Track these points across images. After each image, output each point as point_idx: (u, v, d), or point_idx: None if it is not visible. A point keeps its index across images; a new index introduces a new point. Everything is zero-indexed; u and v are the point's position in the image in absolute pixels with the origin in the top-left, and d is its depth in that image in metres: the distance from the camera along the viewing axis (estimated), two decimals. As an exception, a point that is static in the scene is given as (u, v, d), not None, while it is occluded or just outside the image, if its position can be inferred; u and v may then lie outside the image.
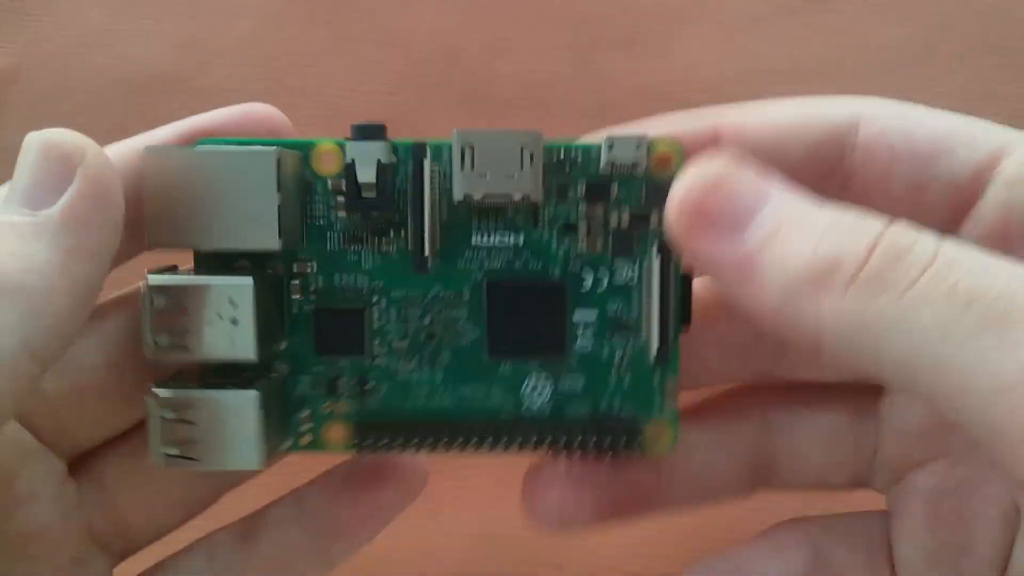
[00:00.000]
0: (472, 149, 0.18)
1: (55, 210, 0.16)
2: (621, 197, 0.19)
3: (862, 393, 0.20)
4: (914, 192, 0.18)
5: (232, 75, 0.34)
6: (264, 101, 0.34)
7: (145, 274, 0.17)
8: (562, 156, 0.19)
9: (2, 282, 0.14)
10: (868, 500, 0.22)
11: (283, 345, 0.19)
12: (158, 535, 0.21)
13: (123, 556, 0.21)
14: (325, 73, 0.34)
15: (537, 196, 0.18)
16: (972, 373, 0.13)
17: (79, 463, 0.20)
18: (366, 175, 0.18)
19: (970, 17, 0.34)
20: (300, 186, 0.19)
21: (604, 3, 0.35)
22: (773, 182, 0.16)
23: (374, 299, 0.19)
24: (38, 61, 0.34)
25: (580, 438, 0.19)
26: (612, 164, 0.19)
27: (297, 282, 0.19)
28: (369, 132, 0.19)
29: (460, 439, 0.19)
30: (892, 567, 0.20)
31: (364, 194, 0.18)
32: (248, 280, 0.17)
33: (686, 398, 0.20)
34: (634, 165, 0.18)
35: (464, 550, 0.28)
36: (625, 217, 0.19)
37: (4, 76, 0.34)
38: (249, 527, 0.21)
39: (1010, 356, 0.12)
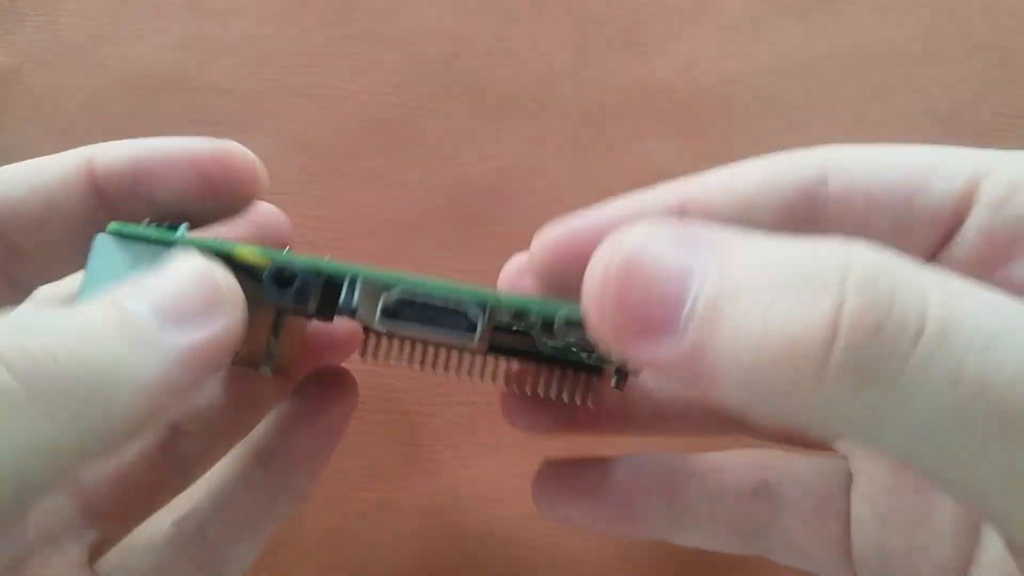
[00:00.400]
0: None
1: (183, 340, 0.14)
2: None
3: None
4: (897, 235, 0.17)
5: (232, 75, 0.34)
6: (264, 101, 0.34)
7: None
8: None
9: (99, 375, 0.13)
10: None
11: None
12: None
13: None
14: (325, 73, 0.34)
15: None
16: (991, 474, 0.11)
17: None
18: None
19: (969, 17, 0.34)
20: None
21: (604, 3, 0.35)
22: (694, 248, 0.13)
23: None
24: (39, 61, 0.35)
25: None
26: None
27: None
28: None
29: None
30: (847, 521, 0.19)
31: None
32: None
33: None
34: None
35: (464, 550, 0.28)
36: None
37: (5, 76, 0.34)
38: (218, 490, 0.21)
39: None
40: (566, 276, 0.17)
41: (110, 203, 0.18)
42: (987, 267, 0.16)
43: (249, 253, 0.16)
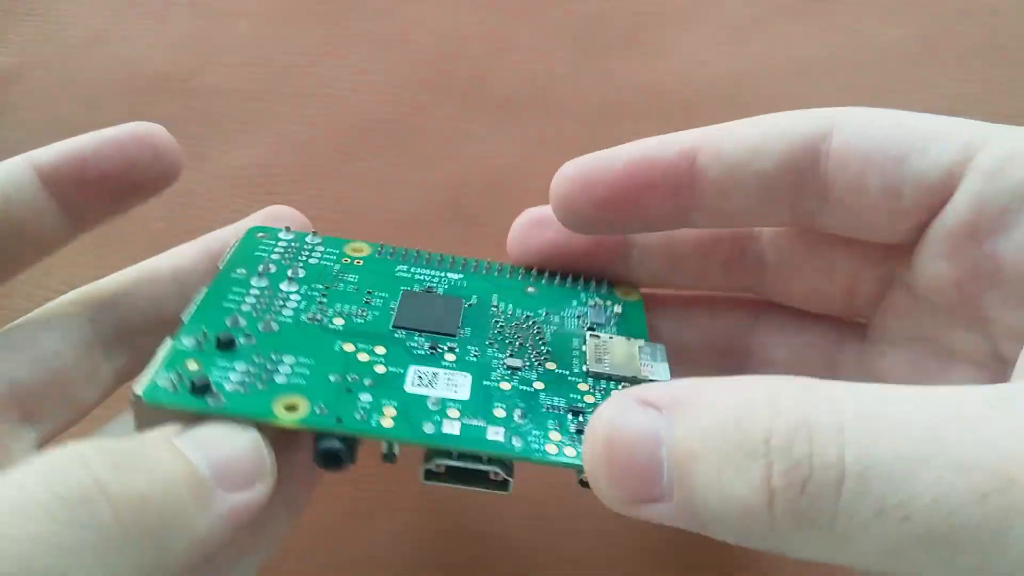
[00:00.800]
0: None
1: (233, 501, 0.16)
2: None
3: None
4: (888, 195, 0.17)
5: (232, 75, 0.34)
6: (264, 101, 0.34)
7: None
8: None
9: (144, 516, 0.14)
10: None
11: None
12: None
13: None
14: (325, 73, 0.34)
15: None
16: None
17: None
18: None
19: (969, 17, 0.34)
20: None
21: (604, 3, 0.35)
22: (656, 412, 0.14)
23: None
24: (39, 61, 0.35)
25: None
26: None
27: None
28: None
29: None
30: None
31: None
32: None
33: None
34: None
35: (464, 550, 0.28)
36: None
37: (5, 76, 0.34)
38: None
39: (959, 568, 0.12)
40: (584, 211, 0.20)
41: (58, 194, 0.20)
42: (976, 238, 0.17)
43: (290, 423, 0.17)
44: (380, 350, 0.19)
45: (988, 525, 0.12)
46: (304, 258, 0.22)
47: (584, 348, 0.20)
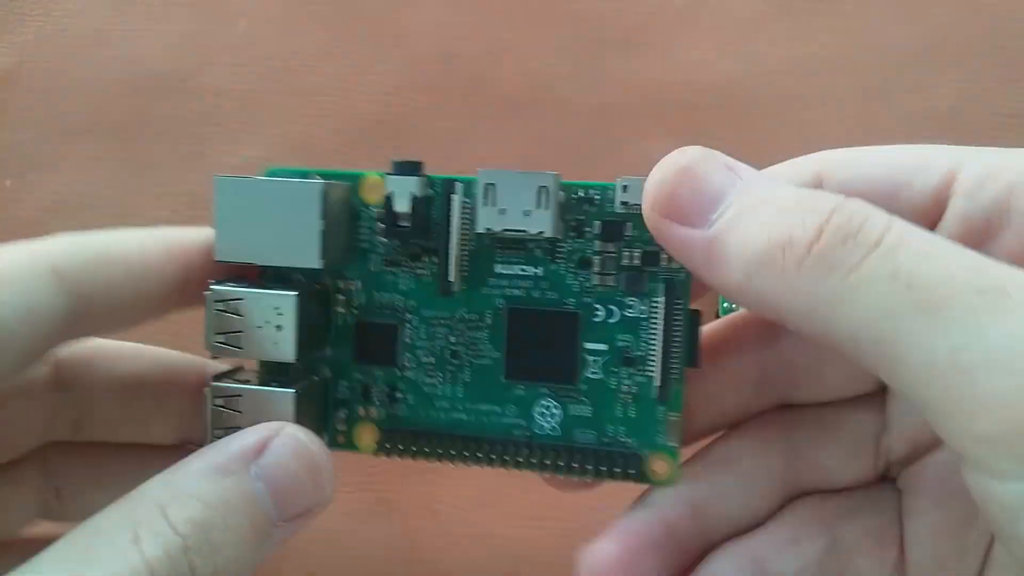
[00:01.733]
0: (494, 187, 0.20)
1: (289, 530, 0.17)
2: (634, 236, 0.20)
3: (871, 397, 0.21)
4: None
5: (232, 75, 0.34)
6: (263, 101, 0.34)
7: (209, 284, 0.20)
8: (580, 195, 0.21)
9: None
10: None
11: (328, 352, 0.21)
12: None
13: None
14: (325, 73, 0.34)
15: (552, 232, 0.19)
16: (907, 352, 0.14)
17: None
18: (402, 206, 0.20)
19: (970, 17, 0.34)
20: (348, 213, 0.21)
21: (604, 3, 0.35)
22: (741, 169, 0.17)
23: (407, 316, 0.21)
24: (39, 61, 0.35)
25: (585, 463, 0.20)
26: (626, 204, 0.20)
27: (343, 297, 0.21)
28: (406, 168, 0.21)
29: (475, 453, 0.20)
30: (901, 543, 0.20)
31: (400, 223, 0.20)
32: (293, 293, 0.20)
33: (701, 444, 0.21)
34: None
35: (464, 550, 0.28)
36: (637, 255, 0.20)
37: (4, 76, 0.34)
38: None
39: (942, 338, 0.13)
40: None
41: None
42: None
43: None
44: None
45: (977, 312, 0.13)
46: None
47: None
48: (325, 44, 0.34)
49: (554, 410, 0.20)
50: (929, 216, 0.18)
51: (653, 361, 0.19)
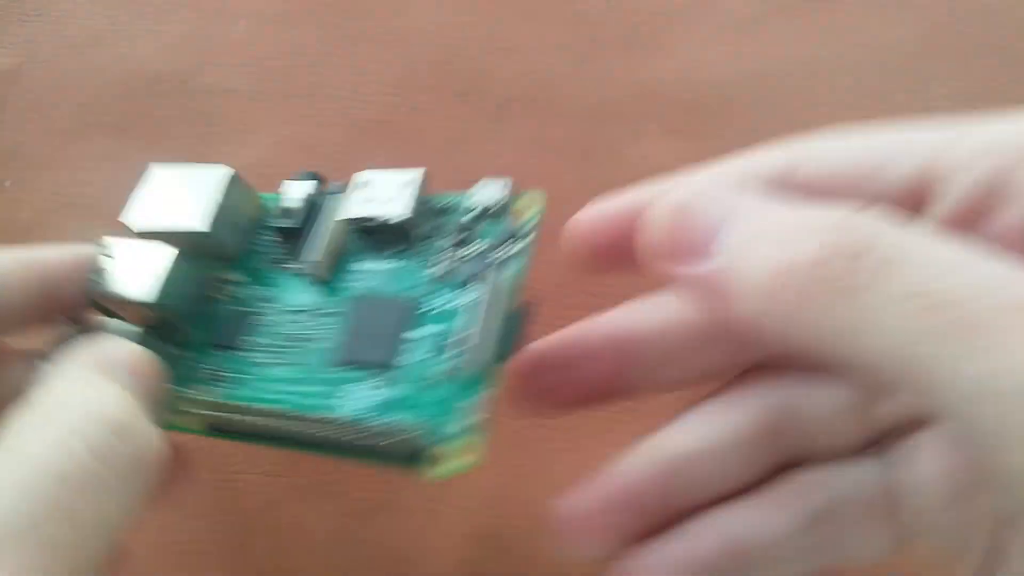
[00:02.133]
0: (368, 183, 0.22)
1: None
2: (482, 233, 0.21)
3: None
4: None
5: (231, 75, 0.34)
6: (263, 101, 0.34)
7: (103, 237, 0.22)
8: (439, 203, 0.22)
9: None
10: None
11: (189, 331, 0.23)
12: None
13: None
14: (324, 73, 0.34)
15: (411, 214, 0.21)
16: (940, 380, 0.13)
17: None
18: (292, 203, 0.23)
19: (970, 17, 0.34)
20: (251, 216, 0.24)
21: (604, 3, 0.35)
22: (738, 197, 0.16)
23: (269, 307, 0.22)
24: (38, 61, 0.35)
25: (360, 445, 0.20)
26: (479, 204, 0.21)
27: (227, 287, 0.23)
28: (308, 175, 0.24)
29: (287, 440, 0.21)
30: (898, 514, 0.20)
31: (289, 221, 0.23)
32: (175, 249, 0.22)
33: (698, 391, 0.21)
34: (498, 207, 0.21)
35: (464, 550, 0.28)
36: (483, 249, 0.21)
37: (3, 76, 0.34)
38: None
39: (980, 362, 0.12)
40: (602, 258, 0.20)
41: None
42: (965, 228, 0.17)
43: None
44: None
45: (1014, 333, 0.12)
46: None
47: None
48: (325, 44, 0.34)
49: (372, 393, 0.20)
50: (909, 205, 0.17)
51: (465, 351, 0.19)
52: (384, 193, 0.22)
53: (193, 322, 0.23)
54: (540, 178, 0.33)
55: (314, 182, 0.24)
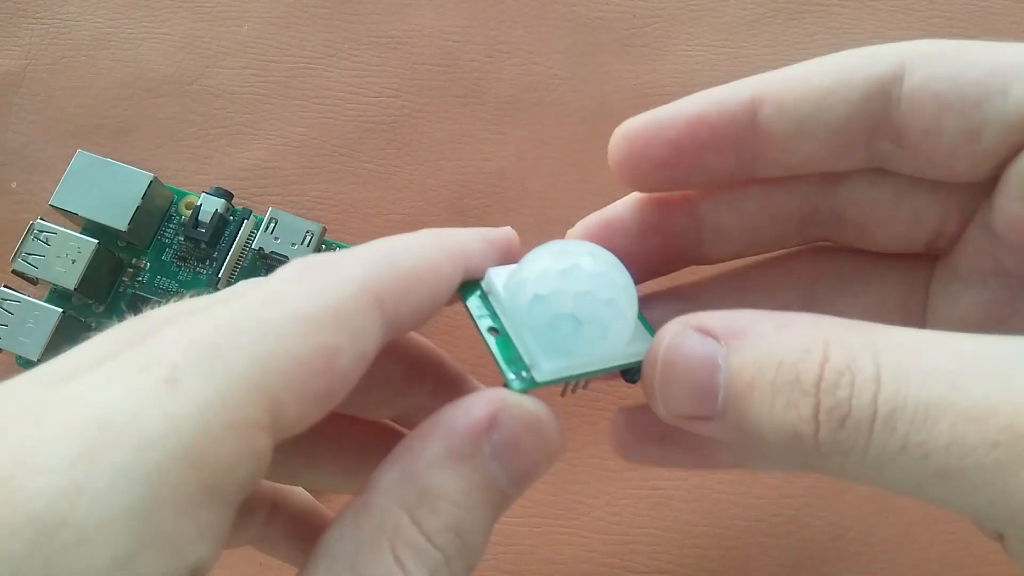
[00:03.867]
0: (276, 221, 0.29)
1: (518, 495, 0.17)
2: None
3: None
4: (968, 139, 0.17)
5: (234, 77, 0.34)
6: (266, 103, 0.35)
7: (37, 220, 0.28)
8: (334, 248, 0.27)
9: None
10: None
11: (101, 309, 0.30)
12: None
13: None
14: (326, 75, 0.34)
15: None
16: (953, 508, 0.14)
17: None
18: (205, 216, 0.29)
19: (964, 20, 0.34)
20: (162, 213, 0.31)
21: (603, 5, 0.35)
22: (715, 327, 0.16)
23: (168, 298, 0.26)
24: (43, 64, 0.35)
25: None
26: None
27: (131, 271, 0.30)
28: (220, 193, 0.30)
29: None
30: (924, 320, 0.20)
31: (199, 229, 0.29)
32: (95, 240, 0.28)
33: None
34: None
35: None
36: None
37: (9, 79, 0.35)
38: None
39: (974, 498, 0.13)
40: (644, 173, 0.20)
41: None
42: None
43: None
44: None
45: (998, 470, 0.13)
46: None
47: None
48: (327, 47, 0.35)
49: None
50: (1018, 133, 0.16)
51: None
52: (289, 236, 0.29)
53: (103, 299, 0.29)
54: (540, 178, 0.33)
55: (223, 201, 0.29)
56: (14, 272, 0.28)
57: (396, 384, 0.20)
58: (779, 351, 0.15)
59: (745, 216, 0.20)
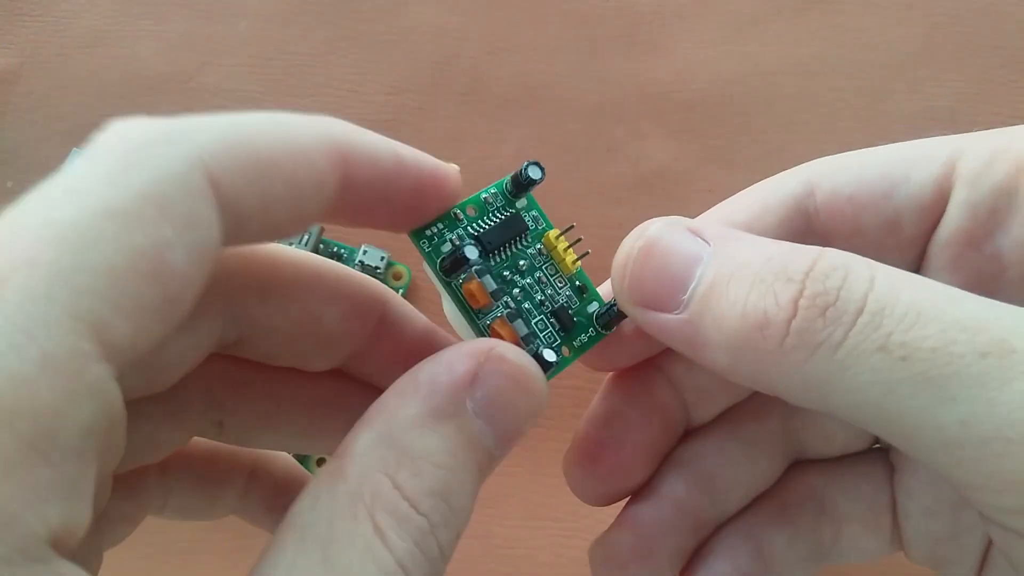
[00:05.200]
0: None
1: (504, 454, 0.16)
2: None
3: None
4: (888, 229, 0.18)
5: (232, 75, 0.34)
6: (264, 101, 0.34)
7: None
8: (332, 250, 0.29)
9: None
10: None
11: None
12: None
13: None
14: (325, 73, 0.34)
15: None
16: (915, 429, 0.13)
17: None
18: None
19: (969, 17, 0.34)
20: None
21: (604, 3, 0.35)
22: (706, 231, 0.16)
23: None
24: (39, 62, 0.35)
25: None
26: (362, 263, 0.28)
27: None
28: None
29: None
30: (895, 513, 0.20)
31: None
32: None
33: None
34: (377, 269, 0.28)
35: (464, 550, 0.28)
36: None
37: (4, 77, 0.34)
38: None
39: (949, 412, 0.12)
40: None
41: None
42: (976, 244, 0.17)
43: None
44: None
45: (983, 380, 0.12)
46: None
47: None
48: (325, 44, 0.35)
49: None
50: (931, 212, 0.17)
51: None
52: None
53: None
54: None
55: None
56: None
57: (333, 327, 0.17)
58: (771, 249, 0.15)
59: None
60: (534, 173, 0.18)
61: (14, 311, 0.10)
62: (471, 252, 0.17)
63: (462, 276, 0.17)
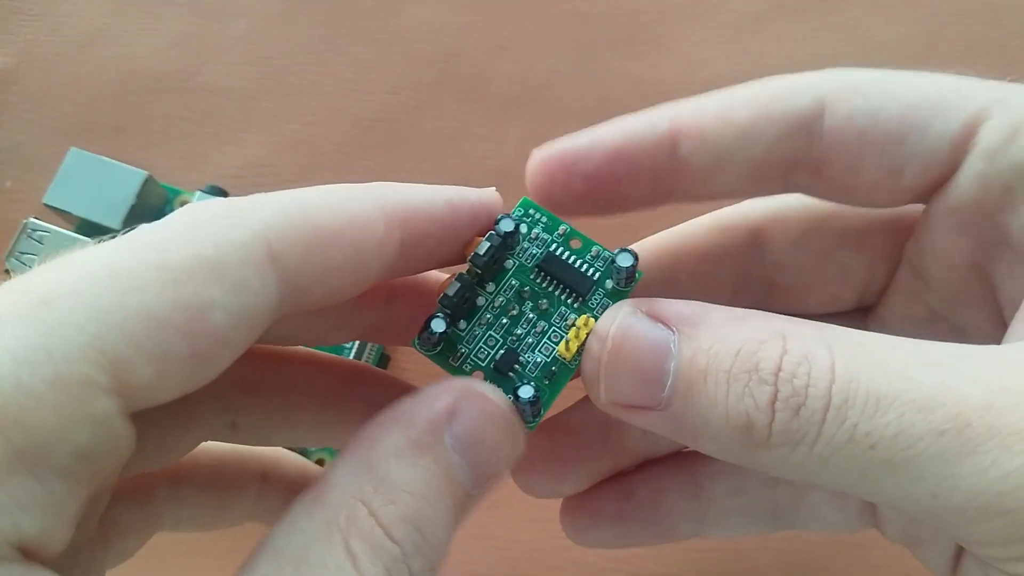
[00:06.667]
0: None
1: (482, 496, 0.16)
2: None
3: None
4: (889, 176, 0.17)
5: (231, 74, 0.34)
6: (263, 100, 0.34)
7: (30, 219, 0.28)
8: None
9: None
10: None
11: None
12: None
13: None
14: (324, 72, 0.34)
15: None
16: (892, 502, 0.14)
17: None
18: None
19: (970, 17, 0.34)
20: (156, 207, 0.30)
21: (604, 3, 0.35)
22: (671, 315, 0.16)
23: None
24: (38, 60, 0.34)
25: None
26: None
27: None
28: (215, 191, 0.30)
29: None
30: None
31: None
32: (88, 240, 0.27)
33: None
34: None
35: (464, 550, 0.28)
36: None
37: (2, 76, 0.34)
38: None
39: (919, 488, 0.13)
40: (563, 199, 0.18)
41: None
42: (983, 214, 0.17)
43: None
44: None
45: (945, 458, 0.13)
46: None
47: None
48: (324, 43, 0.34)
49: None
50: (940, 171, 0.17)
51: None
52: None
53: None
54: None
55: (219, 199, 0.28)
56: (7, 272, 0.28)
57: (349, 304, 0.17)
58: (737, 340, 0.15)
59: (675, 277, 0.20)
60: (624, 260, 0.17)
61: (44, 331, 0.11)
62: (437, 325, 0.17)
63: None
